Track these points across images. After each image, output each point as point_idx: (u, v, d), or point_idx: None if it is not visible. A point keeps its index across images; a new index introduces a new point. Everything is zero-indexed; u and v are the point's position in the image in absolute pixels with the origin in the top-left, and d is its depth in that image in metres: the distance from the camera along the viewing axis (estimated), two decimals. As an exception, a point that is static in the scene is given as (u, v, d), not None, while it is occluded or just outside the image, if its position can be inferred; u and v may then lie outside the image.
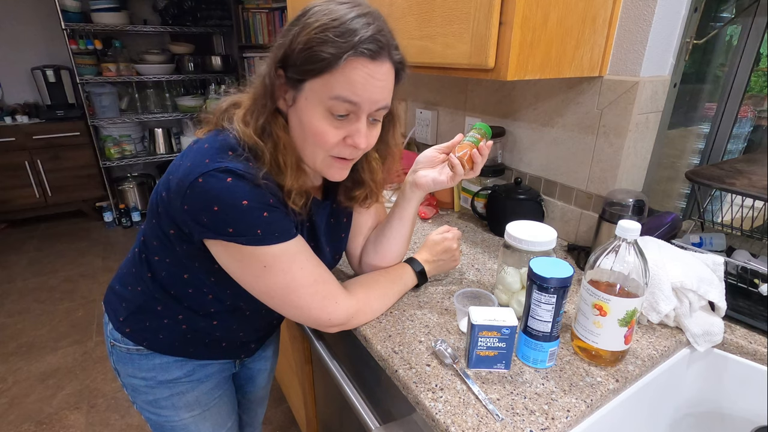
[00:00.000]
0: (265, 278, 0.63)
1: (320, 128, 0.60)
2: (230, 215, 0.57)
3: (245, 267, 0.63)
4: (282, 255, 0.62)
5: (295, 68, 0.59)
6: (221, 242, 0.60)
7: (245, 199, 0.57)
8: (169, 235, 0.65)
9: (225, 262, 0.64)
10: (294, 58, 0.58)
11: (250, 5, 3.28)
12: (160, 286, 0.72)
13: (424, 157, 0.80)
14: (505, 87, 1.21)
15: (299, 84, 0.60)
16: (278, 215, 0.61)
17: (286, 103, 0.63)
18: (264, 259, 0.61)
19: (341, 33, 0.56)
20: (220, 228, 0.58)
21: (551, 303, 0.63)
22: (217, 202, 0.56)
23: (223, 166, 0.57)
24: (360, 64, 0.57)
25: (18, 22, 3.16)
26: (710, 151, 1.03)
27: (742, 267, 0.84)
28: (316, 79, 0.58)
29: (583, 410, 0.60)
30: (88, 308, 2.40)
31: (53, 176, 3.23)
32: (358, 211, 0.85)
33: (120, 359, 0.79)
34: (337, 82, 0.57)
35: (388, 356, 0.70)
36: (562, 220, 1.13)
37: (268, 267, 0.62)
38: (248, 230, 0.58)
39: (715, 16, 0.96)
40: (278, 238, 0.61)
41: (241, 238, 0.59)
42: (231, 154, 0.59)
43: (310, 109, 0.60)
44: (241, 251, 0.60)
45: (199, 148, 0.61)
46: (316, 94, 0.59)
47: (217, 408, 0.88)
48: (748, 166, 0.84)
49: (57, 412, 1.74)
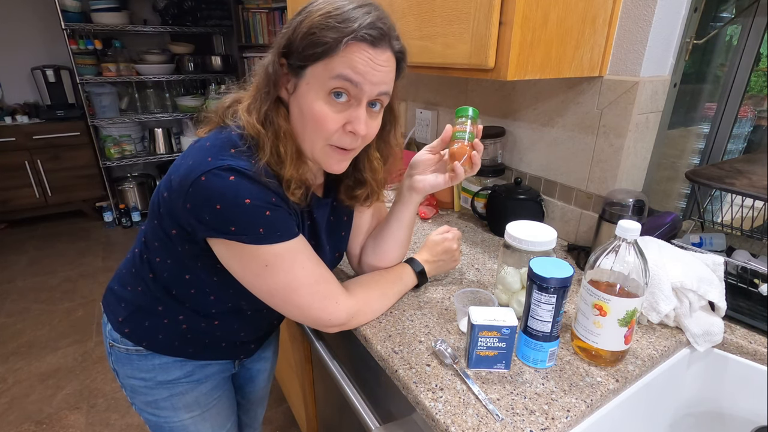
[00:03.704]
0: (267, 277, 0.63)
1: (320, 113, 0.60)
2: (232, 213, 0.57)
3: (247, 266, 0.63)
4: (284, 254, 0.62)
5: (297, 55, 0.60)
6: (223, 241, 0.60)
7: (248, 197, 0.57)
8: (171, 236, 0.65)
9: (227, 260, 0.64)
10: (296, 45, 0.59)
11: (250, 5, 3.28)
12: (162, 286, 0.72)
13: (419, 160, 0.79)
14: (505, 87, 1.21)
15: (301, 71, 0.60)
16: (280, 214, 0.61)
17: (287, 91, 0.63)
18: (266, 258, 0.61)
19: (343, 19, 0.57)
20: (222, 226, 0.58)
21: (551, 303, 0.63)
22: (220, 201, 0.56)
23: (225, 164, 0.57)
24: (361, 49, 0.58)
25: (18, 22, 3.16)
26: (710, 151, 1.03)
27: (742, 267, 0.84)
28: (317, 64, 0.59)
29: (583, 410, 0.60)
30: (88, 308, 2.41)
31: (53, 176, 3.23)
32: (359, 211, 0.85)
33: (119, 360, 0.79)
34: (337, 64, 0.58)
35: (388, 356, 0.70)
36: (562, 220, 1.13)
37: (269, 266, 0.62)
38: (250, 229, 0.58)
39: (715, 16, 0.96)
40: (280, 237, 0.61)
41: (243, 237, 0.59)
42: (233, 151, 0.60)
43: (312, 94, 0.60)
44: (243, 250, 0.60)
45: (201, 146, 0.61)
46: (317, 79, 0.60)
47: (216, 409, 0.88)
48: (748, 166, 0.84)
49: (57, 412, 1.74)
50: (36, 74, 3.16)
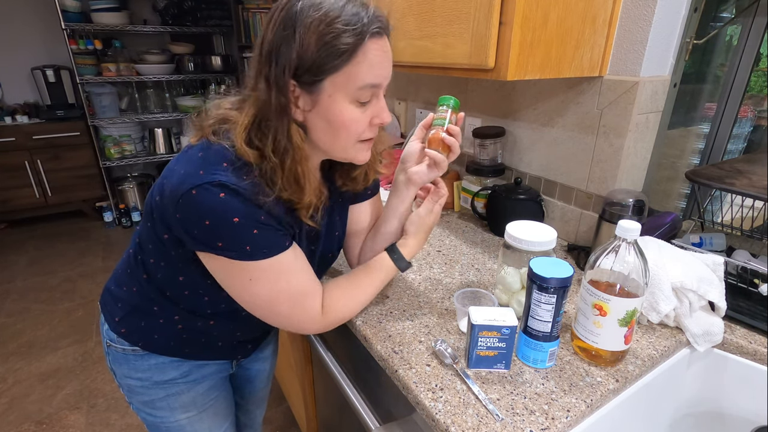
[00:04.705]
0: (251, 289, 0.64)
1: (352, 118, 0.62)
2: (220, 230, 0.58)
3: (232, 278, 0.64)
4: (269, 269, 0.63)
5: (311, 71, 0.58)
6: (211, 254, 0.61)
7: (236, 216, 0.57)
8: (163, 240, 0.65)
9: (213, 271, 0.65)
10: (308, 62, 0.57)
11: (250, 5, 3.28)
12: (156, 287, 0.72)
13: (410, 152, 0.79)
14: (505, 87, 1.21)
15: (317, 85, 0.59)
16: (268, 232, 0.61)
17: (301, 110, 0.62)
18: (251, 272, 0.62)
19: (348, 21, 0.56)
20: (210, 241, 0.59)
21: (551, 303, 0.63)
22: (209, 217, 0.57)
23: (216, 180, 0.57)
24: (375, 45, 0.59)
25: (18, 22, 3.16)
26: (710, 151, 1.03)
27: (742, 267, 0.84)
28: (337, 74, 0.58)
29: (583, 410, 0.60)
30: (88, 308, 2.40)
31: (53, 176, 3.23)
32: (358, 211, 0.85)
33: (116, 360, 0.79)
34: (359, 71, 0.58)
35: (388, 356, 0.70)
36: (562, 220, 1.13)
37: (254, 280, 0.63)
38: (237, 246, 0.59)
39: (715, 16, 0.96)
40: (266, 254, 0.61)
41: (229, 253, 0.60)
42: (225, 165, 0.59)
43: (338, 104, 0.60)
44: (229, 264, 0.61)
45: (192, 156, 0.61)
46: (340, 88, 0.59)
47: (213, 409, 0.87)
48: (748, 166, 0.84)
49: (57, 412, 1.73)
50: (36, 74, 3.16)
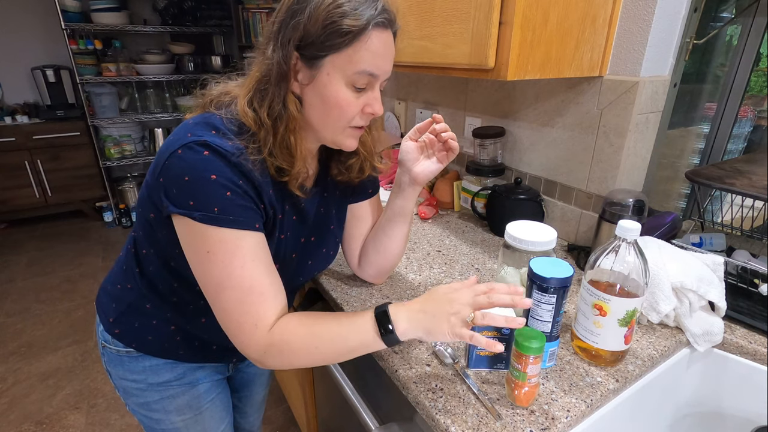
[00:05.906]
0: (205, 264, 0.60)
1: (345, 100, 0.62)
2: (196, 186, 0.57)
3: (193, 247, 0.60)
4: (227, 243, 0.58)
5: (315, 46, 0.59)
6: (180, 218, 0.59)
7: (214, 173, 0.57)
8: (150, 221, 0.65)
9: (181, 239, 0.61)
10: (313, 36, 0.58)
11: (250, 5, 3.28)
12: (148, 281, 0.72)
13: (408, 150, 0.78)
14: (505, 87, 1.21)
15: (317, 61, 0.60)
16: (242, 200, 0.59)
17: (299, 83, 0.63)
18: (211, 241, 0.58)
19: (356, 6, 0.57)
20: (183, 200, 0.57)
21: (551, 303, 0.63)
22: (189, 173, 0.57)
23: (202, 140, 0.57)
24: (379, 34, 0.60)
25: (18, 22, 3.16)
26: (710, 151, 1.03)
27: (742, 267, 0.84)
28: (338, 54, 0.59)
29: (583, 410, 0.60)
30: (88, 308, 2.40)
31: (53, 176, 3.23)
32: (357, 210, 0.85)
33: (111, 361, 0.79)
34: (359, 57, 0.59)
35: (388, 356, 0.70)
36: (562, 220, 1.13)
37: (210, 253, 0.59)
38: (206, 205, 0.57)
39: (715, 16, 0.96)
40: (232, 222, 0.58)
41: (198, 213, 0.57)
42: (214, 133, 0.59)
43: (334, 84, 0.61)
44: (193, 228, 0.58)
45: (184, 124, 0.62)
46: (339, 69, 0.60)
47: (209, 412, 0.86)
48: (748, 166, 0.84)
49: (57, 412, 1.73)
50: (36, 74, 3.16)
